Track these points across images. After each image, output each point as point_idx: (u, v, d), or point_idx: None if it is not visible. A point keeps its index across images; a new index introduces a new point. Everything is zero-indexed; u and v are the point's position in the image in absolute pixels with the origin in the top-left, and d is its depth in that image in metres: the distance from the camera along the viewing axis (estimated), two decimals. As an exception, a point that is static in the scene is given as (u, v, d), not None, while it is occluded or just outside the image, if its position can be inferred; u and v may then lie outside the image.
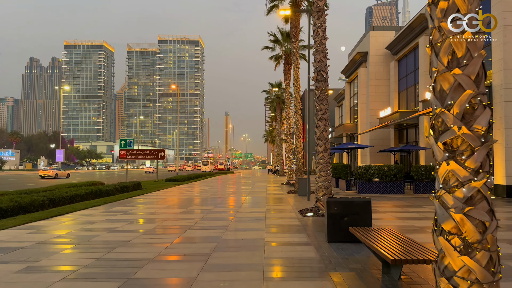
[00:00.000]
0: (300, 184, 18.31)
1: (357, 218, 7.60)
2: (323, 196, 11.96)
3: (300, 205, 14.53)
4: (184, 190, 23.01)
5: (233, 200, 16.98)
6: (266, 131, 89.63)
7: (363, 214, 7.64)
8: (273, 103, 49.43)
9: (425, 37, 25.51)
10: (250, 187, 25.64)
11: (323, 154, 12.13)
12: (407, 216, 11.62)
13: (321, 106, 12.22)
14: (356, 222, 7.55)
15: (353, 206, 7.69)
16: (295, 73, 20.74)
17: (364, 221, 7.58)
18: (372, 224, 7.77)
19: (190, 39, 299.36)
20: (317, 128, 12.30)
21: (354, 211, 7.65)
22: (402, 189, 19.62)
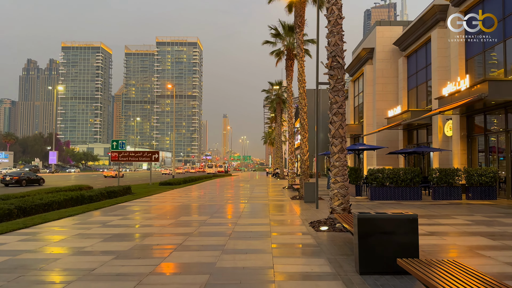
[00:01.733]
0: (306, 190, 16.34)
1: (399, 241, 5.63)
2: (340, 205, 9.98)
3: (309, 214, 12.54)
4: (178, 195, 21.00)
5: (231, 208, 14.99)
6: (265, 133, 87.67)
7: (407, 236, 5.67)
8: (273, 103, 47.50)
9: (439, 30, 23.61)
10: (249, 192, 23.65)
11: (339, 156, 10.16)
12: (441, 230, 9.65)
13: (336, 98, 10.26)
14: (398, 246, 5.58)
15: (393, 225, 5.71)
16: (299, 67, 18.81)
17: (408, 245, 5.62)
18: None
19: (188, 40, 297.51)
20: (331, 125, 10.34)
21: (395, 232, 5.68)
22: (419, 195, 17.66)
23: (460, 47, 21.13)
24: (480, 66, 19.65)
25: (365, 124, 32.81)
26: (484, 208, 14.12)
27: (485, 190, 17.33)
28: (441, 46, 23.55)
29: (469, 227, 9.85)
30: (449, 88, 19.60)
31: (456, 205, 15.40)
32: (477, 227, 9.97)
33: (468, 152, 20.95)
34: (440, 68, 23.52)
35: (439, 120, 23.44)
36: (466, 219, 11.36)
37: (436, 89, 23.39)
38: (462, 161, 20.97)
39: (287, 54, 27.39)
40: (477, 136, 20.23)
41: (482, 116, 19.74)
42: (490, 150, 19.30)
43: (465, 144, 21.01)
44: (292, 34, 27.04)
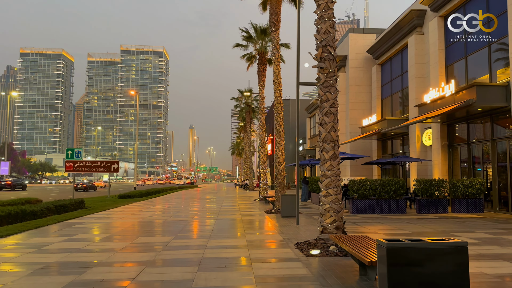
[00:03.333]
0: (283, 203, 14.61)
1: (446, 281, 3.97)
2: (333, 223, 8.29)
3: (291, 232, 10.79)
4: (138, 210, 18.74)
5: (199, 225, 13.02)
6: (233, 143, 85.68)
7: (455, 273, 4.01)
8: (242, 112, 45.85)
9: (416, 36, 22.83)
10: (218, 205, 21.67)
11: (331, 163, 8.51)
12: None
13: (327, 96, 8.65)
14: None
15: (437, 257, 4.05)
16: (275, 68, 17.25)
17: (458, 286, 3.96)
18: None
19: (154, 49, 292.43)
20: (321, 127, 8.70)
21: (439, 267, 4.01)
22: (403, 208, 16.35)
23: (440, 53, 20.30)
24: (461, 73, 18.80)
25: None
26: (478, 223, 12.88)
27: (472, 203, 16.24)
28: (419, 52, 22.74)
29: (481, 248, 8.40)
30: (431, 94, 18.60)
31: (445, 219, 14.13)
32: (490, 247, 8.54)
33: (449, 163, 19.99)
34: (418, 75, 22.67)
35: (417, 129, 22.50)
36: (469, 236, 9.97)
37: (414, 97, 22.49)
38: (443, 172, 19.97)
39: (259, 59, 25.86)
40: (459, 145, 19.30)
41: (464, 124, 18.83)
42: (474, 160, 18.37)
43: (446, 154, 20.06)
44: (264, 37, 25.59)
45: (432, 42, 20.83)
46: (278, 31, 17.38)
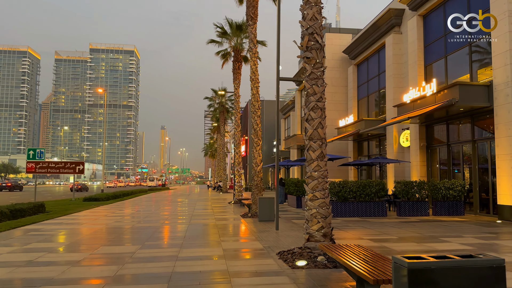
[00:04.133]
0: (261, 206, 13.72)
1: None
2: (320, 230, 7.46)
3: (271, 239, 9.90)
4: (104, 214, 17.41)
5: (170, 231, 11.94)
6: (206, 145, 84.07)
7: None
8: (215, 112, 44.69)
9: (394, 36, 22.49)
10: (191, 209, 20.56)
11: (318, 164, 7.67)
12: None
13: (314, 89, 7.82)
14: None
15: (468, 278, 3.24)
16: (252, 64, 16.37)
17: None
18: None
19: (124, 48, 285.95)
20: (308, 123, 7.86)
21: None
22: (384, 211, 15.79)
23: (419, 53, 19.98)
24: (441, 72, 18.50)
25: (314, 134, 31.10)
26: (464, 227, 12.40)
27: (453, 205, 15.86)
28: (397, 52, 22.41)
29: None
30: (411, 94, 18.18)
31: (428, 222, 13.62)
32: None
33: (428, 164, 19.66)
34: (395, 76, 22.33)
35: (394, 130, 22.14)
36: (461, 242, 9.38)
37: (392, 97, 22.13)
38: (421, 174, 19.62)
39: (235, 56, 24.90)
40: (438, 147, 18.99)
41: (444, 125, 18.52)
42: (453, 162, 18.07)
43: (424, 155, 19.72)
44: (240, 34, 24.66)
45: (411, 42, 20.50)
46: (255, 25, 16.50)
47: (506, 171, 13.72)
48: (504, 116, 13.90)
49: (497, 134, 14.24)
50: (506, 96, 13.79)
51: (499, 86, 14.18)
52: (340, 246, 6.27)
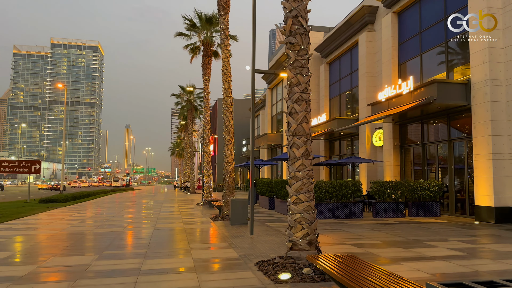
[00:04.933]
0: (234, 208, 12.76)
1: None
2: (305, 237, 6.62)
3: (246, 246, 8.97)
4: (60, 218, 15.92)
5: (132, 237, 10.79)
6: (173, 144, 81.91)
7: None
8: (183, 109, 43.23)
9: (368, 33, 22.11)
10: (156, 211, 19.32)
11: (303, 162, 6.83)
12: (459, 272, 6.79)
13: (298, 78, 6.96)
14: None
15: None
16: (224, 57, 15.38)
17: None
18: None
19: (87, 44, 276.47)
20: (291, 117, 6.99)
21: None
22: (360, 212, 15.22)
23: (394, 51, 19.64)
24: (416, 71, 18.19)
25: (284, 133, 30.42)
26: (445, 229, 11.95)
27: (429, 206, 15.50)
28: (370, 50, 22.04)
29: (477, 264, 7.18)
30: (386, 92, 17.76)
31: (407, 224, 13.13)
32: (484, 262, 7.35)
33: (401, 164, 19.35)
34: (368, 74, 21.95)
35: (367, 129, 21.76)
36: (448, 246, 8.81)
37: (365, 96, 21.75)
38: (395, 174, 19.28)
39: (204, 50, 23.79)
40: (412, 146, 18.69)
41: (418, 124, 18.23)
42: (428, 162, 17.79)
43: (398, 155, 19.39)
44: (210, 27, 23.59)
45: (385, 39, 20.14)
46: (227, 16, 15.53)
47: (484, 171, 13.43)
48: (482, 115, 13.62)
49: (474, 134, 13.95)
50: (485, 95, 13.50)
51: (477, 85, 13.89)
52: (331, 256, 5.45)
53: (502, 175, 13.16)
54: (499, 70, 13.43)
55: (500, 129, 13.28)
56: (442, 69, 16.71)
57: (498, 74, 13.42)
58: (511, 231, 11.32)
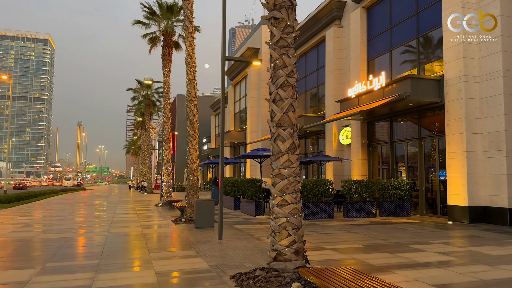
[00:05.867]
0: (199, 210, 11.59)
1: None
2: (291, 245, 5.65)
3: (216, 253, 7.88)
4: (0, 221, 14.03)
5: (83, 244, 9.38)
6: (128, 141, 78.62)
7: None
8: (140, 105, 41.17)
9: (336, 29, 21.60)
10: (110, 213, 17.73)
11: (289, 158, 5.86)
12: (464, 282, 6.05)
13: (284, 60, 5.98)
14: None
15: None
16: (188, 45, 14.10)
17: None
18: None
19: (37, 36, 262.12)
20: (275, 104, 6.00)
21: None
22: (331, 212, 14.53)
23: (362, 46, 19.20)
24: (385, 67, 17.80)
25: (248, 131, 29.52)
26: (422, 230, 11.44)
27: (400, 206, 15.09)
28: (337, 46, 21.54)
29: (476, 271, 6.52)
30: (356, 88, 17.23)
31: (381, 225, 12.55)
32: (482, 268, 6.71)
33: (369, 162, 18.94)
34: (336, 71, 21.44)
35: (334, 127, 21.26)
36: (437, 251, 8.18)
37: (332, 93, 21.22)
38: (362, 172, 18.85)
39: (164, 40, 22.32)
40: (381, 144, 18.30)
41: (387, 122, 17.85)
42: (397, 160, 17.44)
43: (366, 154, 18.97)
44: (171, 16, 22.16)
45: (354, 35, 19.67)
46: (191, 1, 14.31)
47: (458, 170, 13.10)
48: (456, 112, 13.29)
49: (448, 131, 13.62)
50: (459, 91, 13.18)
51: (451, 81, 13.56)
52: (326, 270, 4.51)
53: (476, 173, 12.89)
54: (473, 66, 13.16)
55: (474, 127, 13.00)
56: (413, 65, 16.39)
57: (472, 71, 13.15)
58: (490, 232, 10.97)
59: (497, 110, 12.44)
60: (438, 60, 15.09)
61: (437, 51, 15.14)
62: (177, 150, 61.83)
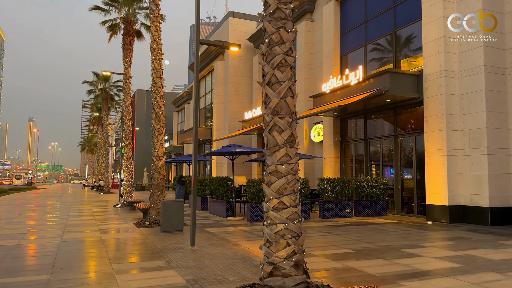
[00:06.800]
0: (165, 212, 10.38)
1: None
2: (291, 257, 4.69)
3: (191, 263, 6.80)
4: None
5: (30, 255, 7.98)
6: (84, 138, 74.75)
7: None
8: (97, 99, 38.76)
9: (307, 23, 20.92)
10: (64, 215, 16.08)
11: (287, 152, 4.89)
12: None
13: (282, 35, 5.01)
14: None
15: None
16: (154, 30, 12.77)
17: None
18: None
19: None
20: (271, 88, 5.03)
21: None
22: (308, 212, 13.76)
23: (336, 41, 18.60)
24: (360, 62, 17.26)
25: (214, 128, 28.33)
26: (407, 232, 10.86)
27: (376, 205, 14.57)
28: (309, 41, 20.87)
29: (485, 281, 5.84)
30: (332, 83, 16.56)
31: (362, 226, 11.90)
32: (491, 277, 6.05)
33: (342, 160, 18.39)
34: (307, 66, 20.76)
35: (305, 124, 20.58)
36: (433, 256, 7.52)
37: (303, 89, 20.51)
38: (335, 170, 18.27)
39: (125, 28, 20.72)
40: (355, 142, 17.78)
41: (361, 119, 17.34)
42: (371, 158, 16.96)
43: (338, 151, 18.40)
44: (132, 2, 20.60)
45: (327, 29, 19.04)
46: (159, -19, 13.02)
47: (438, 167, 12.69)
48: (435, 109, 12.87)
49: (427, 128, 13.19)
50: (439, 87, 12.76)
51: (430, 76, 13.14)
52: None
53: (456, 172, 12.52)
54: (453, 61, 12.79)
55: (454, 124, 12.63)
56: (388, 60, 15.93)
57: (452, 66, 12.77)
58: (474, 232, 10.55)
59: (478, 106, 12.11)
60: (415, 56, 14.70)
61: (415, 45, 14.73)
62: (136, 147, 59.41)
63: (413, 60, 14.99)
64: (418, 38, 14.22)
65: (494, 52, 12.22)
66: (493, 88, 12.09)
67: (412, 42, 14.89)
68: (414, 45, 14.83)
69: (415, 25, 14.42)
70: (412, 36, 14.85)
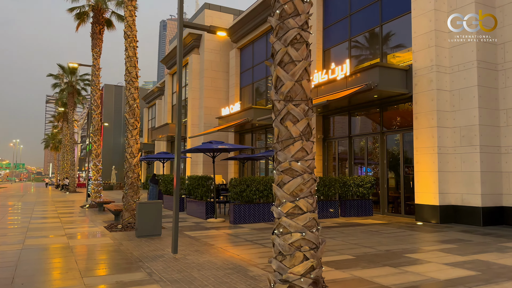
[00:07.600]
0: (142, 215, 9.34)
1: None
2: (309, 272, 3.86)
3: (176, 275, 5.87)
4: None
5: (-17, 268, 6.81)
6: (48, 135, 71.34)
7: None
8: (62, 94, 36.65)
9: (288, 16, 20.13)
10: (26, 217, 14.67)
11: (303, 146, 4.07)
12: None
13: (296, 4, 4.18)
14: None
15: None
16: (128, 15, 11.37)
17: None
18: None
19: None
20: (283, 69, 4.18)
21: None
22: (292, 213, 12.98)
23: (318, 35, 17.96)
24: (343, 57, 16.68)
25: (189, 124, 27.18)
26: (400, 233, 10.29)
27: (362, 205, 14.03)
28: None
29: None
30: (316, 78, 15.88)
31: (352, 227, 11.27)
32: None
33: (324, 158, 17.79)
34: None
35: (285, 120, 19.81)
36: (441, 262, 6.92)
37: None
38: (318, 169, 17.64)
39: (95, 17, 19.33)
40: (338, 139, 17.20)
41: (345, 116, 16.78)
42: (356, 156, 16.43)
43: (321, 149, 17.78)
44: (103, -12, 19.20)
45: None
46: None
47: (428, 166, 12.23)
48: (426, 105, 12.41)
49: (416, 125, 12.72)
50: (430, 82, 12.30)
51: (420, 71, 12.66)
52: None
53: (446, 170, 12.10)
54: (444, 56, 12.36)
55: (444, 121, 12.20)
56: (374, 55, 15.42)
57: (443, 61, 12.33)
58: (470, 234, 10.10)
59: (470, 103, 11.72)
60: (401, 51, 14.24)
61: (402, 40, 14.26)
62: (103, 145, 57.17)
63: (399, 55, 14.53)
64: (405, 32, 13.73)
65: (486, 47, 11.87)
66: (485, 84, 11.73)
67: (400, 37, 14.41)
68: (401, 40, 14.36)
69: (405, 18, 13.92)
70: (401, 30, 14.36)
